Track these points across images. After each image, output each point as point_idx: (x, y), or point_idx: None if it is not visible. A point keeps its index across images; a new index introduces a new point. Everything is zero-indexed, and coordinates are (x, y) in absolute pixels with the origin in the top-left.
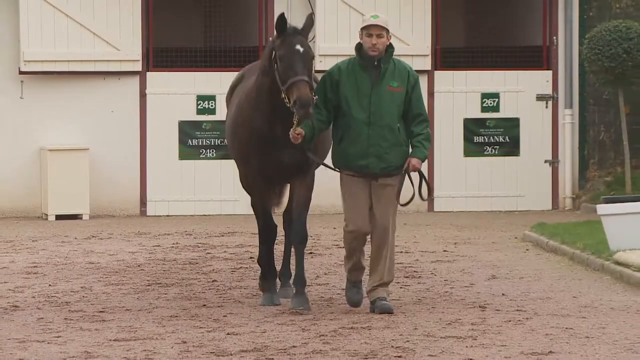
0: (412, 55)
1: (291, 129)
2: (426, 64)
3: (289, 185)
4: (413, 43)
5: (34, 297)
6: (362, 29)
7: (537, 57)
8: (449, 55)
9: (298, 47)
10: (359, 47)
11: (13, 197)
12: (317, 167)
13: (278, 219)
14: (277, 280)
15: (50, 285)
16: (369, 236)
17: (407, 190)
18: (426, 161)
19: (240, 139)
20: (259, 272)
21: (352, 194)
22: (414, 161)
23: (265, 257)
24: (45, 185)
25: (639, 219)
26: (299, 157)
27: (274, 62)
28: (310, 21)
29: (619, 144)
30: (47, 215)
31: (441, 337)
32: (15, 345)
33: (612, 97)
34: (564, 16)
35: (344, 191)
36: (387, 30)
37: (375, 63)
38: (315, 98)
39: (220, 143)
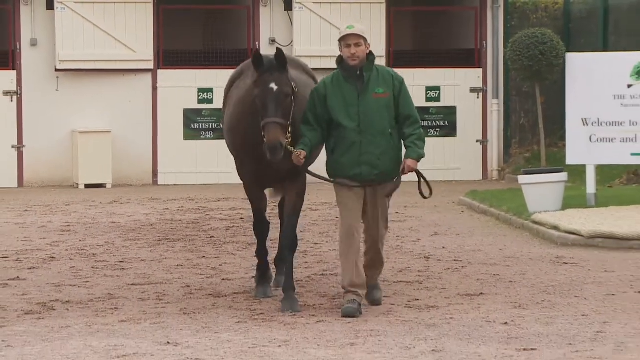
0: None
1: (293, 155)
2: (381, 63)
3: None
4: (371, 46)
5: (67, 250)
6: (340, 40)
7: (470, 58)
8: (400, 56)
9: (272, 85)
10: (340, 60)
11: (50, 169)
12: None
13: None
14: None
15: (80, 240)
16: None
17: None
18: None
19: (235, 143)
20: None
21: (346, 200)
22: (409, 162)
23: (259, 253)
24: (76, 160)
25: (552, 187)
26: (290, 163)
27: (253, 97)
28: (281, 54)
29: (536, 127)
30: (77, 184)
31: (394, 282)
32: (52, 288)
33: (530, 90)
34: (492, 25)
35: (338, 197)
36: (365, 39)
37: (358, 72)
38: (288, 139)
39: (217, 127)
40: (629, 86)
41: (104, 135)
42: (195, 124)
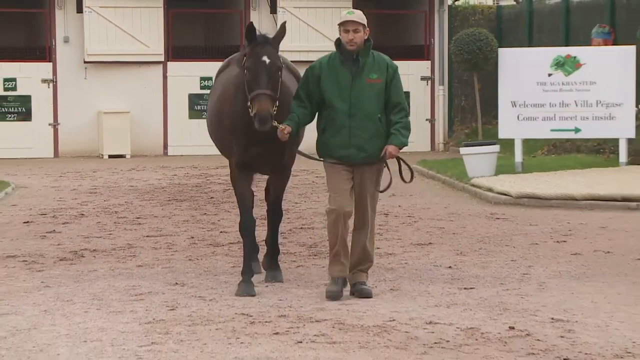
0: None
1: (278, 130)
2: None
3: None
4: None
5: (94, 208)
6: (339, 25)
7: (421, 52)
8: None
9: (264, 58)
10: (338, 43)
11: (81, 143)
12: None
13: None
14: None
15: (105, 200)
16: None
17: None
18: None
19: (224, 129)
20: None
21: (335, 179)
22: (391, 148)
23: (245, 250)
24: (101, 135)
25: (487, 157)
26: (277, 147)
27: (243, 69)
28: (282, 29)
29: (474, 108)
30: (102, 155)
31: None
32: (82, 239)
33: (469, 78)
34: (438, 25)
35: (328, 177)
36: (364, 25)
37: (355, 57)
38: (275, 109)
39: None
40: (549, 75)
41: (124, 115)
42: (198, 106)
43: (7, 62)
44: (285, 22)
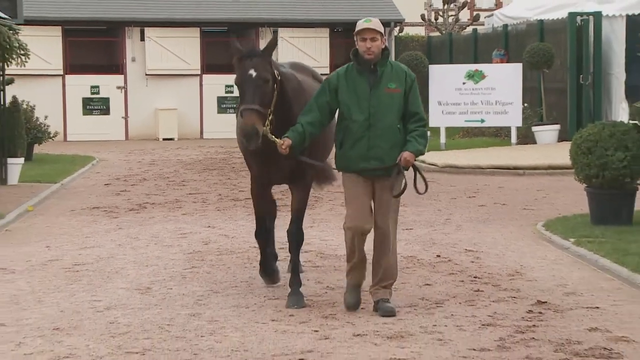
0: (319, 67)
1: (277, 144)
2: (326, 72)
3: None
4: (320, 60)
5: (153, 174)
6: (356, 34)
7: None
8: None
9: (251, 72)
10: (355, 53)
11: (144, 130)
12: (315, 171)
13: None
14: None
15: (160, 169)
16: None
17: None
18: None
19: (241, 145)
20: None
21: (353, 193)
22: (406, 154)
23: (261, 258)
24: (157, 124)
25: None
26: (293, 163)
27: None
28: (274, 40)
29: None
30: (158, 138)
31: (327, 196)
32: (144, 196)
33: None
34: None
35: (346, 190)
36: (381, 34)
37: (372, 67)
38: (267, 126)
39: (237, 106)
40: (463, 83)
41: (173, 111)
42: (223, 105)
43: (93, 74)
44: (277, 33)
